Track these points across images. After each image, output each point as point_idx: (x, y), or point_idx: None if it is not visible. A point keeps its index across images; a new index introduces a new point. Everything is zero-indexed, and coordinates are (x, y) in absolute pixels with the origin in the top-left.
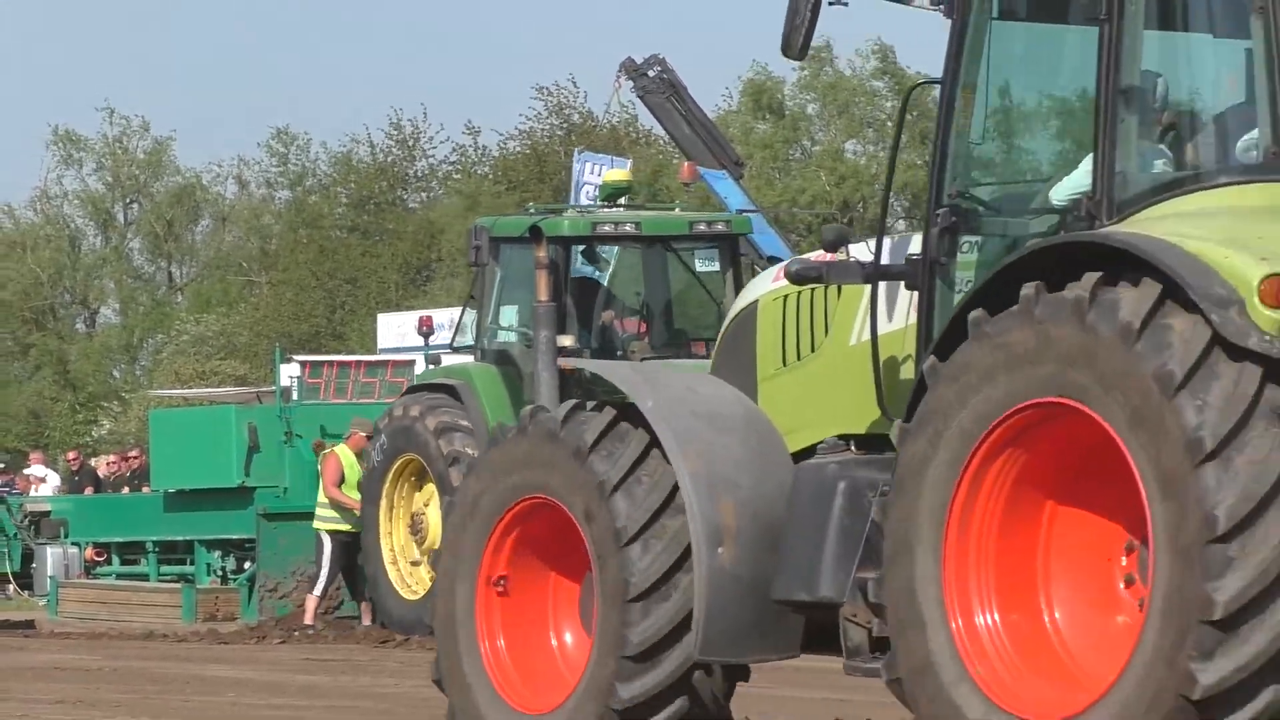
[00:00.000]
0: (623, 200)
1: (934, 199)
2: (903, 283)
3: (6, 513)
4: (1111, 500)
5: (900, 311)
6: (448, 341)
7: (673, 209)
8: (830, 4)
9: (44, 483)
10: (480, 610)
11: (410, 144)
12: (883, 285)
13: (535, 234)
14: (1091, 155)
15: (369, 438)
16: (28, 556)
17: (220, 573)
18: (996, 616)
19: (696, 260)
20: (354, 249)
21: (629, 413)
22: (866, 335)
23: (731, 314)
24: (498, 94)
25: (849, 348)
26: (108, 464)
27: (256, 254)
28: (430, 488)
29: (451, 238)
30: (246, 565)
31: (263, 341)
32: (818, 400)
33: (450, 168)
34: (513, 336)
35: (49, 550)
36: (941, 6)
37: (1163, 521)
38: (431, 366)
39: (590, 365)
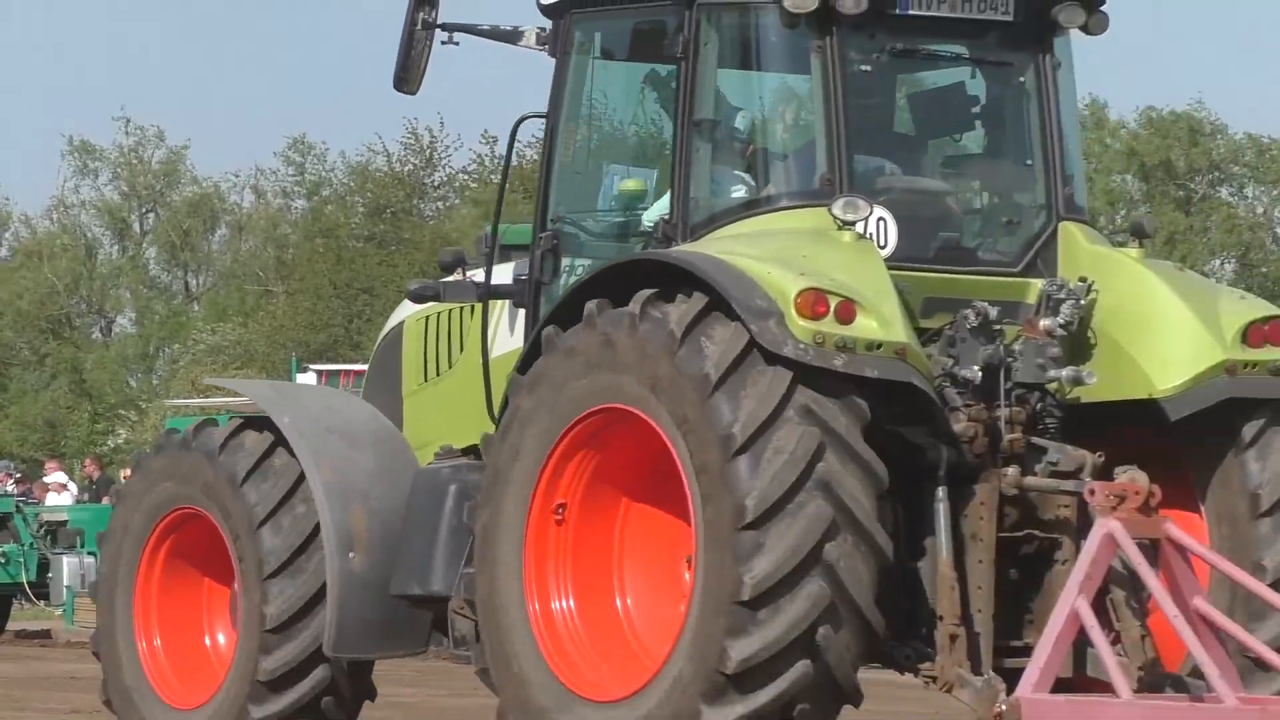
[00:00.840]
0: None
1: (539, 223)
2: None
3: (23, 522)
4: (678, 496)
5: (520, 329)
6: None
7: None
8: (444, 43)
9: (65, 490)
10: (138, 617)
11: (428, 154)
12: (508, 305)
13: None
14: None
15: None
16: (44, 566)
17: None
18: (572, 603)
19: None
20: (371, 258)
21: (259, 425)
22: (496, 352)
23: (382, 334)
24: (518, 102)
25: (479, 364)
26: (125, 476)
27: (273, 263)
28: None
29: (468, 247)
30: None
31: (279, 351)
32: (451, 413)
33: (466, 177)
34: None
35: (65, 560)
36: (546, 47)
37: (701, 511)
38: None
39: (228, 384)
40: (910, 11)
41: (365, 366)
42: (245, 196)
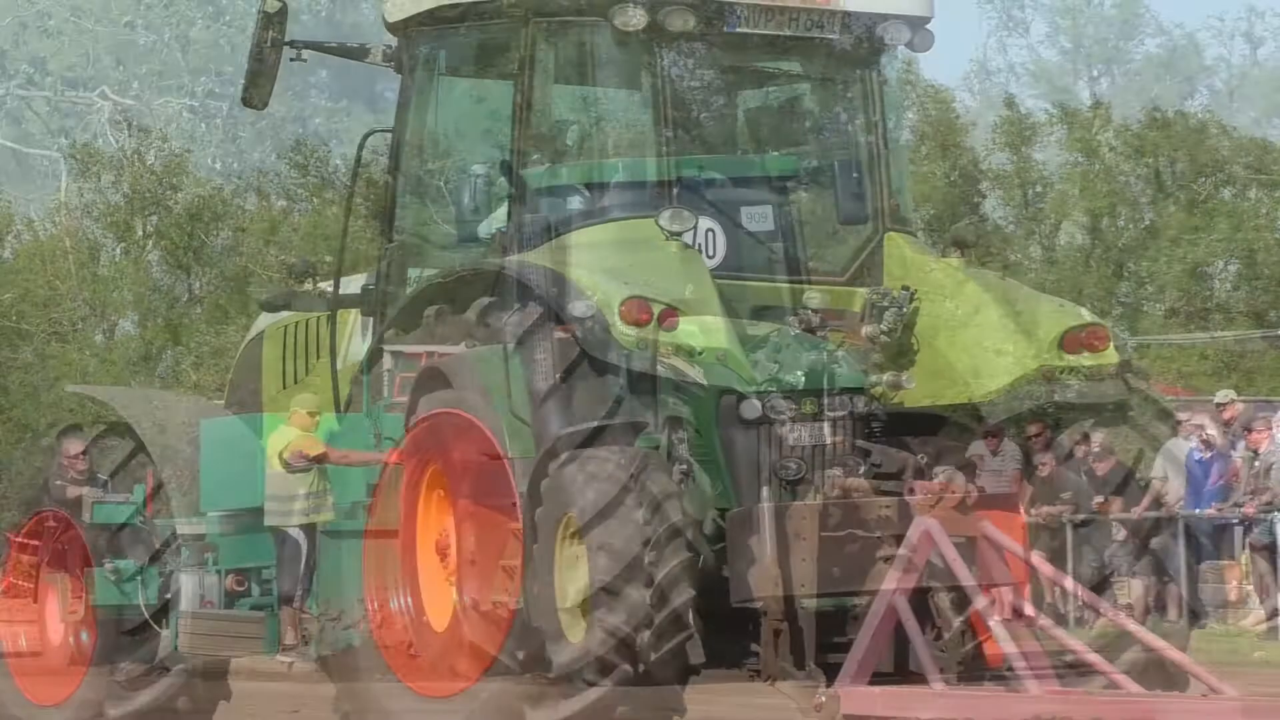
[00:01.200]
0: None
1: (385, 234)
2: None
3: None
4: (506, 493)
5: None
6: None
7: None
8: (292, 59)
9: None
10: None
11: None
12: (359, 313)
13: None
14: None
15: None
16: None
17: None
18: (409, 599)
19: None
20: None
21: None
22: (351, 358)
23: (244, 342)
24: None
25: (335, 369)
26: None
27: (276, 265)
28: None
29: None
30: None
31: None
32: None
33: None
34: None
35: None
36: (393, 63)
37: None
38: None
39: (90, 390)
40: (738, 29)
41: None
42: (248, 199)
